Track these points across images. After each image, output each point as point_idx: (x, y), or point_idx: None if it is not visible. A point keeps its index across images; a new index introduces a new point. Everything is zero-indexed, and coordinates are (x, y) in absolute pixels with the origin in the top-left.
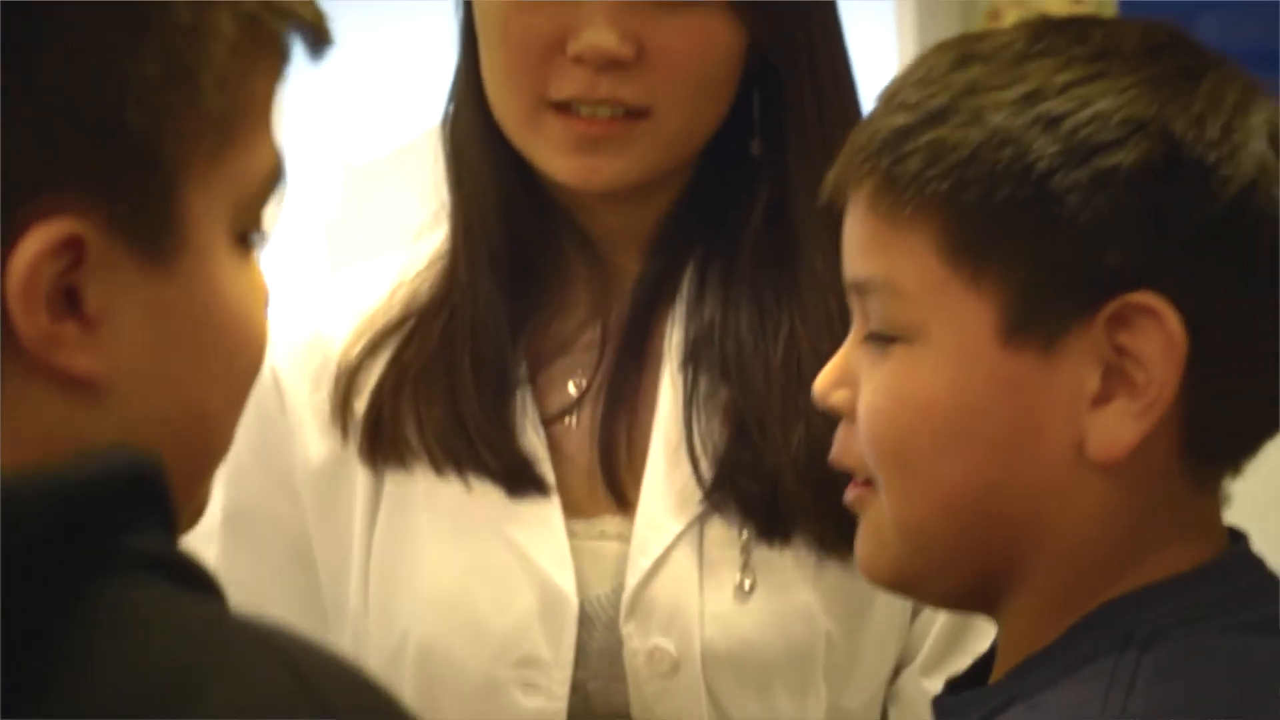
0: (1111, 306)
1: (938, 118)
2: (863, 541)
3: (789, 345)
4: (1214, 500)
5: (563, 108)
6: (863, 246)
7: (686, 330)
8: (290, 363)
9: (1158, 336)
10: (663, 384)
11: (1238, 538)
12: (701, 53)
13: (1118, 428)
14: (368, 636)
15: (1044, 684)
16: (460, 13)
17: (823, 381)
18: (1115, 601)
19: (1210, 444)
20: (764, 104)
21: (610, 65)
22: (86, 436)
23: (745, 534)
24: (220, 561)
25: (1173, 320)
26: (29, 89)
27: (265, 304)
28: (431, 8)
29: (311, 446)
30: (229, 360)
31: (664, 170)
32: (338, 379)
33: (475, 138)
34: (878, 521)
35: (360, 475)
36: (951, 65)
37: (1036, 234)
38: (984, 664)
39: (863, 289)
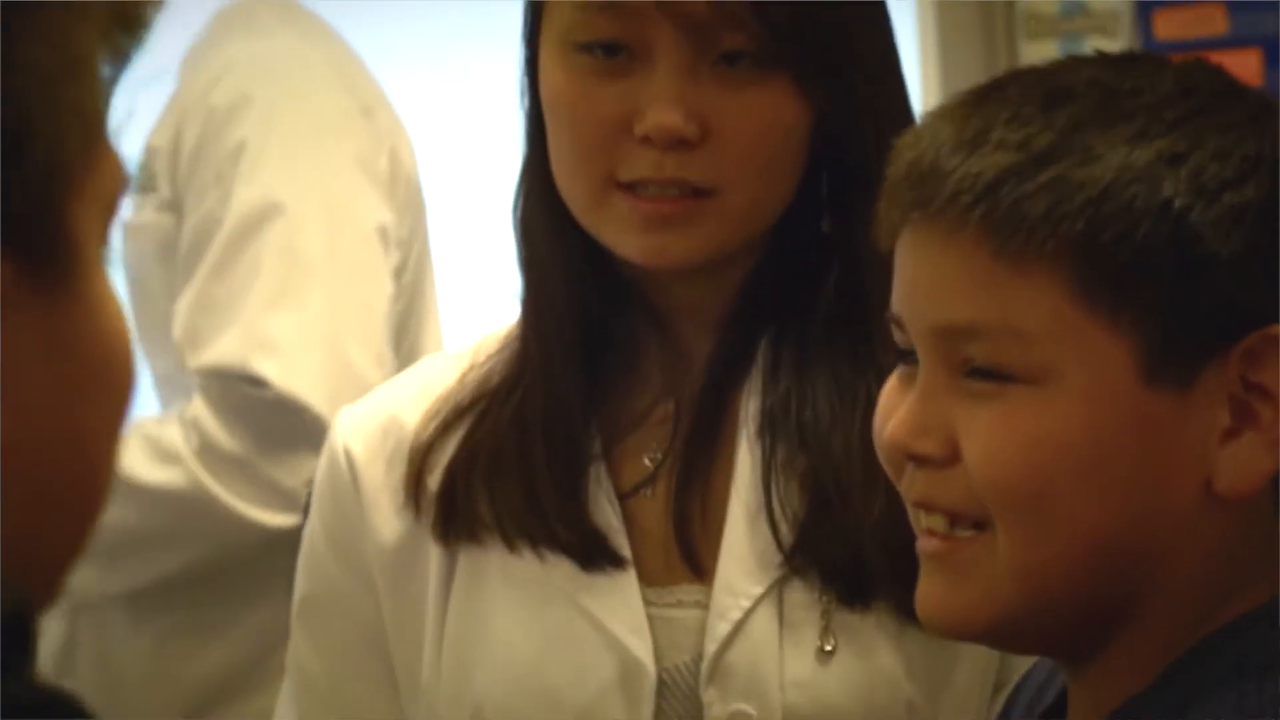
0: (1248, 341)
1: (1050, 156)
2: (960, 591)
3: (867, 414)
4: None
5: (630, 187)
6: (967, 289)
7: (763, 401)
8: (364, 445)
9: None
10: (739, 453)
11: None
12: (767, 130)
13: (1250, 462)
14: (440, 710)
15: None
16: (527, 100)
17: (903, 427)
18: (1211, 637)
19: None
20: (832, 178)
21: (676, 145)
22: None
23: (826, 598)
24: (295, 650)
25: None
26: None
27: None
28: None
29: (385, 528)
30: (117, 394)
31: (733, 248)
32: (411, 456)
33: (543, 220)
34: (987, 569)
35: (434, 551)
36: (1043, 103)
37: (1178, 271)
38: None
39: (965, 332)
